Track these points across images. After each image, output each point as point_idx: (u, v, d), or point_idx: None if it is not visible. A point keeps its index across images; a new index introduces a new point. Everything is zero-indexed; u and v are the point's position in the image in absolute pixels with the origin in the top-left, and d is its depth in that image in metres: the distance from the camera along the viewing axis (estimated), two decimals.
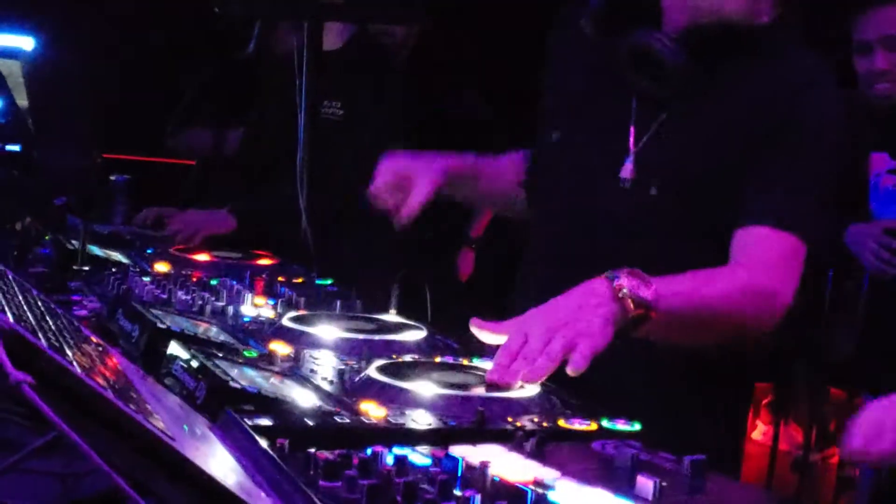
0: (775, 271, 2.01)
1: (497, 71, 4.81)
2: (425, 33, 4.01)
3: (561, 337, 1.69)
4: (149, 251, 2.85)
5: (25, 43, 3.57)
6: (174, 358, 1.69)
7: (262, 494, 0.90)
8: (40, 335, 0.86)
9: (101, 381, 0.87)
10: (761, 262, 2.01)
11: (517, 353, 1.68)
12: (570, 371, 1.67)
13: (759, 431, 4.14)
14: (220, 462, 0.97)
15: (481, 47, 5.03)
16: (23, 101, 3.24)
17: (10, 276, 1.43)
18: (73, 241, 2.61)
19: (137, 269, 2.48)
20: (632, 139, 2.15)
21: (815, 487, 3.60)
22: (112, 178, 3.49)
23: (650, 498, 1.22)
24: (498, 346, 1.72)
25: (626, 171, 2.15)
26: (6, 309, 0.85)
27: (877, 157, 3.55)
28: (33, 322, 0.97)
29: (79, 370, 0.83)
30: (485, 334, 1.79)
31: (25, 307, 1.11)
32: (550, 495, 1.20)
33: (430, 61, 4.08)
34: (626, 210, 2.14)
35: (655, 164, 2.12)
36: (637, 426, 1.55)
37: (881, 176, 3.54)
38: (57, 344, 0.91)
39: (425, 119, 3.93)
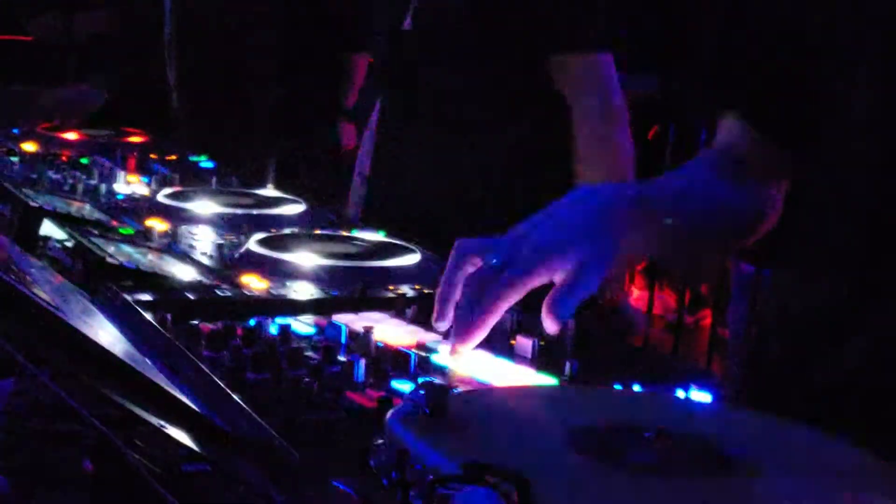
0: None
1: None
2: None
3: None
4: (15, 131, 2.79)
5: None
6: (48, 238, 1.67)
7: (149, 363, 0.91)
8: None
9: None
10: None
11: None
12: None
13: (635, 296, 4.24)
14: (106, 333, 0.98)
15: None
16: None
17: None
18: None
19: (5, 149, 2.44)
20: None
21: (689, 348, 3.72)
22: None
23: (529, 356, 1.26)
24: None
25: None
26: None
27: None
28: None
29: None
30: None
31: None
32: (434, 358, 1.23)
33: None
34: None
35: None
36: None
37: None
38: None
39: None
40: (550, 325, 1.19)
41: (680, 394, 1.15)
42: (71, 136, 2.78)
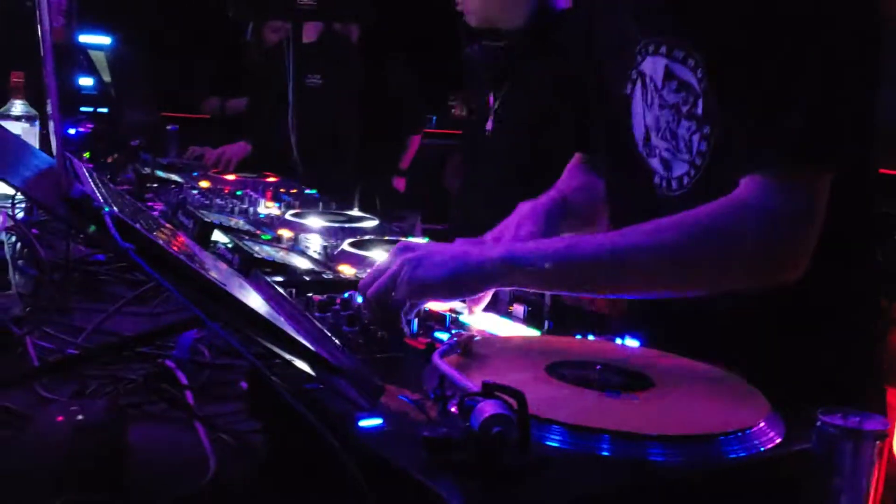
0: None
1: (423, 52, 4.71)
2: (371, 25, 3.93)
3: None
4: (195, 174, 2.80)
5: (105, 40, 3.46)
6: (216, 242, 1.67)
7: (283, 320, 0.91)
8: (135, 222, 0.85)
9: (176, 249, 0.86)
10: None
11: None
12: None
13: None
14: (255, 300, 0.98)
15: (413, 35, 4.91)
16: (107, 79, 3.15)
17: (111, 187, 1.40)
18: (146, 168, 2.56)
19: (189, 185, 2.44)
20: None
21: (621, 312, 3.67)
22: (168, 127, 3.42)
23: (522, 317, 1.25)
24: None
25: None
26: (113, 205, 0.83)
27: None
28: (129, 213, 0.96)
29: (162, 243, 0.82)
30: None
31: (123, 205, 1.09)
32: (461, 318, 1.22)
33: (375, 46, 4.00)
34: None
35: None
36: None
37: None
38: (146, 226, 0.90)
39: (373, 84, 3.90)
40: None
41: (618, 341, 1.14)
42: (230, 177, 2.78)
